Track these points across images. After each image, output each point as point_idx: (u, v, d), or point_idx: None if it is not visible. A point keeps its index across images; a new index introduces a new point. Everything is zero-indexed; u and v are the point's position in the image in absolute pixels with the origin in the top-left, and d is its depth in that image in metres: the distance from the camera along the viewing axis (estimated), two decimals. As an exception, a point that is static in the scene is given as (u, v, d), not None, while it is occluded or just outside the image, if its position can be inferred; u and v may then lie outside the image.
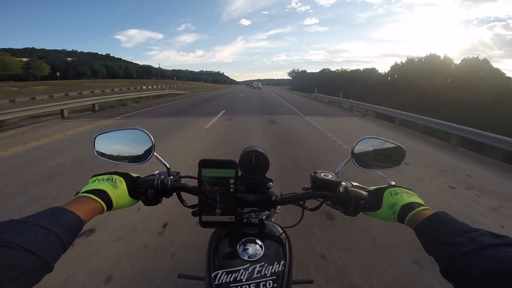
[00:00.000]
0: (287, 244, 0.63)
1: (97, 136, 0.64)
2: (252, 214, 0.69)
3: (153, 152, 0.63)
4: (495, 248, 0.33)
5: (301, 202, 0.66)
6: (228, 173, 0.51)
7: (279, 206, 0.72)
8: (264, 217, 0.72)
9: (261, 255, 0.56)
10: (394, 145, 0.66)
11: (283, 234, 0.66)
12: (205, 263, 0.60)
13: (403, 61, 32.66)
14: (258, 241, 0.59)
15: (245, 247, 0.58)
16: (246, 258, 0.56)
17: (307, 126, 7.06)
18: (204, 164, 0.50)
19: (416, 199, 0.53)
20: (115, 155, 0.64)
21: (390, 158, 0.67)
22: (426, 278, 1.58)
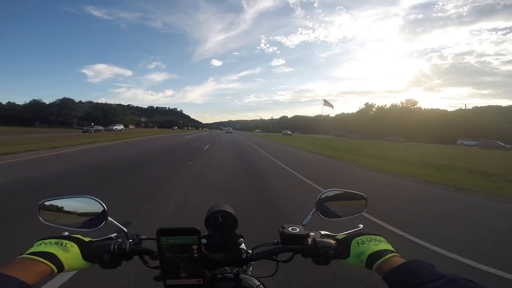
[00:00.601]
0: None
1: (42, 202, 0.60)
2: (227, 268, 0.68)
3: (107, 218, 0.61)
4: None
5: (274, 256, 0.66)
6: (190, 240, 0.50)
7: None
8: (240, 269, 0.70)
9: None
10: (355, 194, 0.72)
11: (260, 285, 0.65)
12: None
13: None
14: None
15: None
16: None
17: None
18: (162, 232, 0.50)
19: (383, 245, 0.55)
20: (65, 222, 0.60)
21: (352, 206, 0.73)
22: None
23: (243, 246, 0.66)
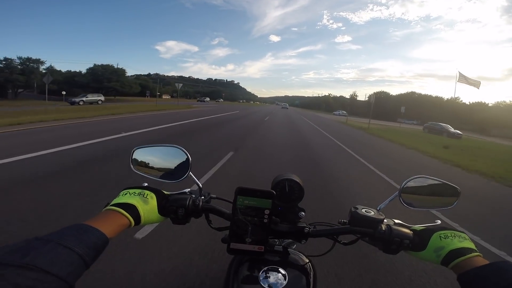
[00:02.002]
0: (311, 274, 0.63)
1: (135, 149, 0.68)
2: (276, 240, 0.70)
3: (189, 171, 0.66)
4: None
5: (335, 236, 0.66)
6: (264, 203, 0.53)
7: None
8: (289, 242, 0.72)
9: (283, 285, 0.56)
10: (447, 184, 0.65)
11: (308, 263, 0.66)
12: (222, 285, 0.61)
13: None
14: (281, 270, 0.60)
15: (267, 275, 0.58)
16: (266, 286, 0.56)
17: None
18: (241, 191, 0.52)
19: (467, 243, 0.52)
20: (152, 169, 0.68)
21: (441, 198, 0.66)
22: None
23: (304, 220, 0.67)
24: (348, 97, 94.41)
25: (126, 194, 0.56)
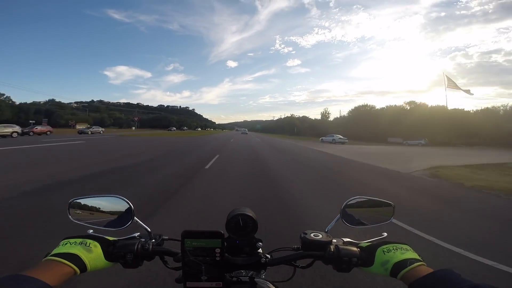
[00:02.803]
0: None
1: (72, 201, 0.68)
2: (242, 271, 0.72)
3: (133, 218, 0.67)
4: None
5: (293, 262, 0.70)
6: (213, 243, 0.55)
7: None
8: (254, 273, 0.74)
9: None
10: (382, 201, 0.75)
11: None
12: None
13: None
14: None
15: None
16: None
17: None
18: (187, 234, 0.55)
19: (410, 254, 0.58)
20: (92, 220, 0.67)
21: (379, 214, 0.75)
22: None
23: (261, 250, 0.70)
24: (317, 117, 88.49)
25: (66, 244, 0.56)
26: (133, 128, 70.94)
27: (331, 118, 76.22)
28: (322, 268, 2.21)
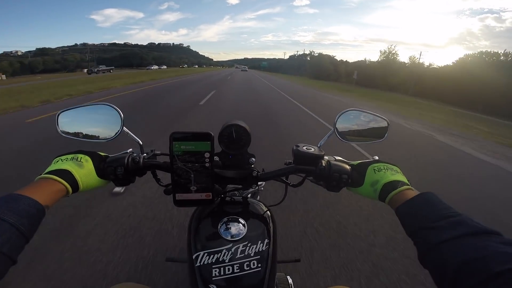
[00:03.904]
0: (271, 222, 0.70)
1: (60, 113, 0.67)
2: (236, 192, 0.76)
3: (122, 128, 0.67)
4: (476, 236, 0.37)
5: (284, 178, 0.73)
6: (203, 146, 0.54)
7: (263, 183, 0.76)
8: (249, 195, 0.79)
9: (244, 234, 0.62)
10: (377, 118, 0.76)
11: (267, 212, 0.73)
12: (186, 244, 0.66)
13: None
14: (241, 220, 0.65)
15: (227, 226, 0.64)
16: (228, 238, 0.61)
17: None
18: (176, 137, 0.53)
19: (399, 177, 0.58)
20: (82, 132, 0.68)
21: (373, 131, 0.77)
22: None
23: (255, 166, 0.73)
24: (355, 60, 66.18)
25: (58, 161, 0.56)
26: (85, 70, 50.72)
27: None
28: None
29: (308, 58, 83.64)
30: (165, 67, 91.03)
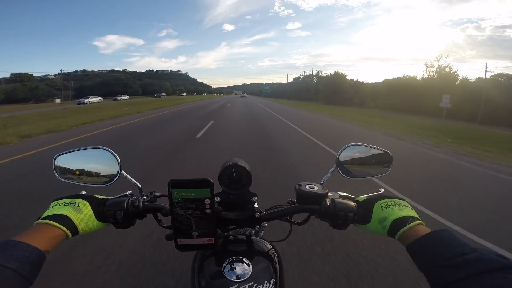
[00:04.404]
0: (276, 260, 0.70)
1: (57, 156, 0.69)
2: (239, 230, 0.76)
3: (120, 172, 0.68)
4: (494, 273, 0.36)
5: (288, 217, 0.72)
6: (202, 193, 0.54)
7: None
8: (252, 231, 0.77)
9: (249, 274, 0.62)
10: (380, 151, 0.76)
11: (272, 249, 0.72)
12: (190, 285, 0.65)
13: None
14: (245, 260, 0.65)
15: (232, 266, 0.63)
16: (233, 278, 0.61)
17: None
18: (175, 184, 0.53)
19: (408, 211, 0.58)
20: (79, 176, 0.69)
21: (376, 165, 0.77)
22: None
23: (256, 205, 0.73)
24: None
25: (55, 205, 0.58)
26: (58, 100, 49.41)
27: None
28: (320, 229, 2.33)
29: (315, 80, 71.59)
30: (164, 94, 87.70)
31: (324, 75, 64.72)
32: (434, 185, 4.35)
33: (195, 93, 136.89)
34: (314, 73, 74.72)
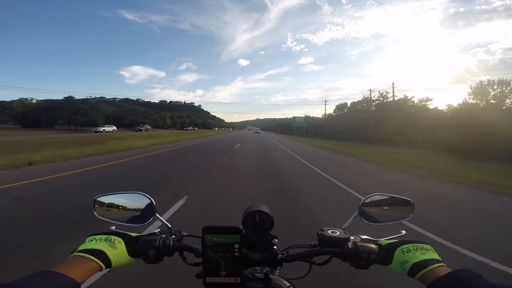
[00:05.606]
0: None
1: (97, 198, 0.78)
2: (257, 268, 0.81)
3: (155, 214, 0.76)
4: None
5: (309, 258, 0.77)
6: (232, 239, 0.63)
7: None
8: (269, 269, 0.83)
9: None
10: (400, 199, 0.82)
11: (290, 287, 0.76)
12: None
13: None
14: None
15: None
16: None
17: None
18: (208, 230, 0.63)
19: (430, 254, 0.62)
20: (117, 215, 0.77)
21: (397, 212, 0.82)
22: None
23: (276, 247, 0.78)
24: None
25: (92, 240, 0.65)
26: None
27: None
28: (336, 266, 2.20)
29: (374, 108, 48.30)
30: (148, 127, 63.90)
31: (390, 99, 44.17)
32: None
33: (196, 128, 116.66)
34: (375, 96, 48.97)
